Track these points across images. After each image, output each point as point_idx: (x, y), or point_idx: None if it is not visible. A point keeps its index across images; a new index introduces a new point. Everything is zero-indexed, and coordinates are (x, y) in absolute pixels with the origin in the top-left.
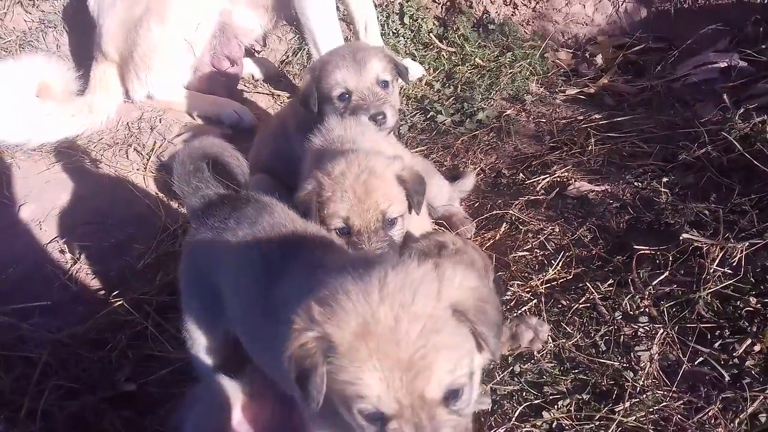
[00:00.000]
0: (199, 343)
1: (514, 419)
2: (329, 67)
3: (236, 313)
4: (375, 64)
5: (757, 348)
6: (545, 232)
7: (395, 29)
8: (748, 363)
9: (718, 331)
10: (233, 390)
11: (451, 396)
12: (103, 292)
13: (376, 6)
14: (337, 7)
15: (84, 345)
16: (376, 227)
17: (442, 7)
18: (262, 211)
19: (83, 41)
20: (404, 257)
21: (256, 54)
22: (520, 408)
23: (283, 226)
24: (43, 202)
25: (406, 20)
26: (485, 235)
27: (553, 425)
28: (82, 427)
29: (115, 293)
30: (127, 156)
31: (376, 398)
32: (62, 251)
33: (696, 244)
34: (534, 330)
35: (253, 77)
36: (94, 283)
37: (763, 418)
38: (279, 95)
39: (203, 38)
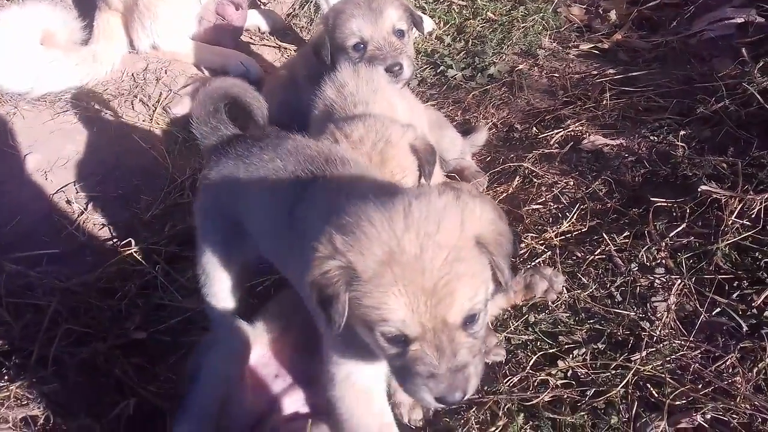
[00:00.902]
0: (216, 281)
1: (528, 368)
2: (344, 16)
3: (264, 231)
4: (391, 12)
5: None
6: (559, 185)
7: None
8: (766, 313)
9: (736, 282)
10: (251, 332)
11: (469, 321)
12: (111, 242)
13: None
14: None
15: (93, 293)
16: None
17: None
18: (284, 138)
19: None
20: (425, 188)
21: (261, 5)
22: (535, 357)
23: (307, 147)
24: (48, 153)
25: None
26: (498, 188)
27: (569, 374)
28: (93, 373)
29: (125, 242)
30: (133, 107)
31: (400, 322)
32: (69, 201)
33: (714, 196)
34: (549, 280)
35: (259, 29)
36: (102, 233)
37: None
38: (286, 48)
39: None
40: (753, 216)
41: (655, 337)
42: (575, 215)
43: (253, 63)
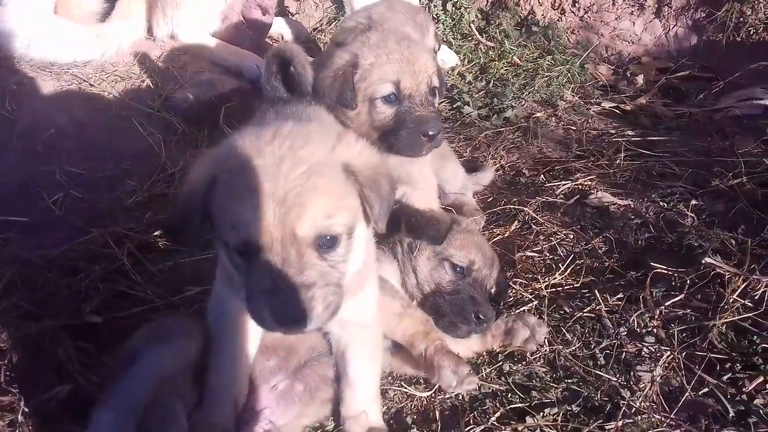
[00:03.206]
0: None
1: (493, 419)
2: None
3: None
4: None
5: None
6: (558, 236)
7: (436, 14)
8: (757, 401)
9: (729, 364)
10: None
11: (326, 244)
12: (85, 220)
13: None
14: None
15: (55, 270)
16: (425, 91)
17: (487, 0)
18: (298, 104)
19: None
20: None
21: (290, 15)
22: (502, 409)
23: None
24: (43, 121)
25: (449, 7)
26: (495, 230)
27: None
28: (36, 352)
29: (96, 223)
30: (138, 92)
31: (247, 228)
32: (53, 173)
33: (718, 271)
34: (532, 329)
35: (282, 37)
36: (79, 211)
37: None
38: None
39: None
40: (756, 297)
41: (634, 408)
42: (569, 269)
43: None
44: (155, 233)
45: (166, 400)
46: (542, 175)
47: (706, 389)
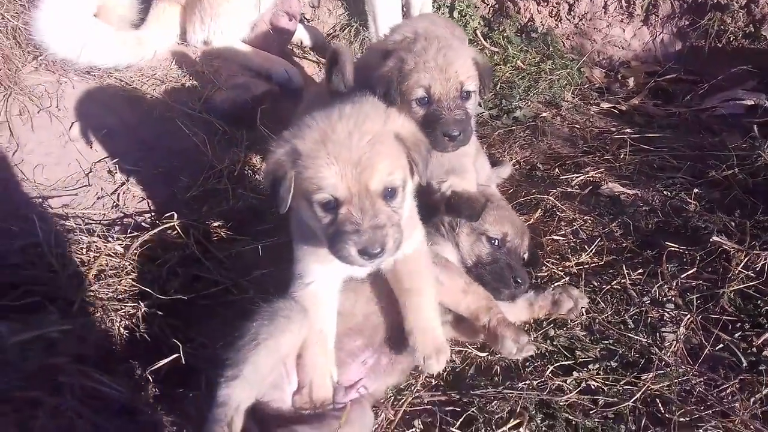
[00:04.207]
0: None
1: (548, 372)
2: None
3: None
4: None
5: None
6: (578, 222)
7: None
8: (765, 353)
9: (739, 324)
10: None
11: (389, 194)
12: (149, 214)
13: None
14: None
15: (135, 257)
16: (454, 96)
17: (489, 9)
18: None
19: None
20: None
21: (306, 21)
22: (552, 367)
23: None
24: (93, 123)
25: (455, 15)
26: (520, 218)
27: (582, 384)
28: (132, 330)
29: (167, 215)
30: (178, 95)
31: (332, 186)
32: (110, 172)
33: (724, 247)
34: (575, 300)
35: (301, 43)
36: (141, 206)
37: None
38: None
39: None
40: (757, 269)
41: (663, 362)
42: (594, 248)
43: (296, 72)
44: (216, 224)
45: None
46: (556, 169)
47: (721, 345)
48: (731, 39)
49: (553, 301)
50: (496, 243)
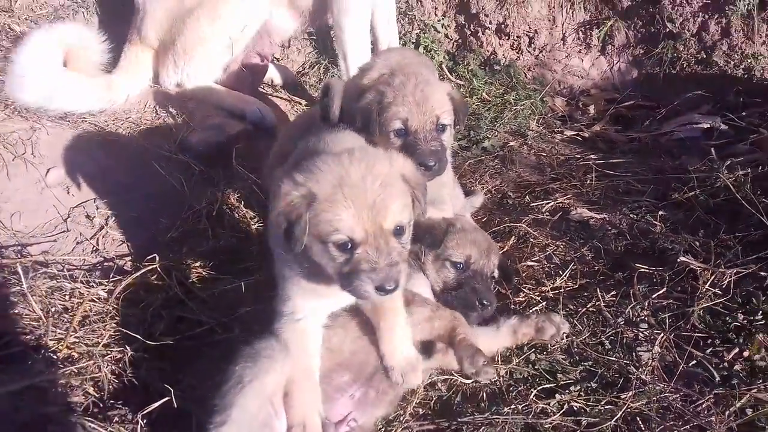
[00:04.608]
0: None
1: (532, 396)
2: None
3: None
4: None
5: (745, 354)
6: (551, 247)
7: None
8: (736, 367)
9: (710, 340)
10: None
11: (398, 232)
12: (130, 257)
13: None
14: None
15: (119, 302)
16: (430, 128)
17: (453, 43)
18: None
19: (113, 23)
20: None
21: (276, 61)
22: (535, 391)
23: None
24: (69, 168)
25: (421, 50)
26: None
27: (564, 406)
28: (120, 375)
29: (149, 257)
30: (153, 137)
31: (349, 229)
32: (89, 216)
33: (691, 267)
34: (557, 326)
35: (272, 82)
36: (121, 249)
37: (749, 411)
38: (297, 102)
39: (245, 40)
40: (723, 286)
41: (641, 380)
42: (567, 273)
43: (269, 111)
44: (197, 264)
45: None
46: (526, 197)
47: (695, 361)
48: (684, 65)
49: (537, 328)
50: (461, 266)
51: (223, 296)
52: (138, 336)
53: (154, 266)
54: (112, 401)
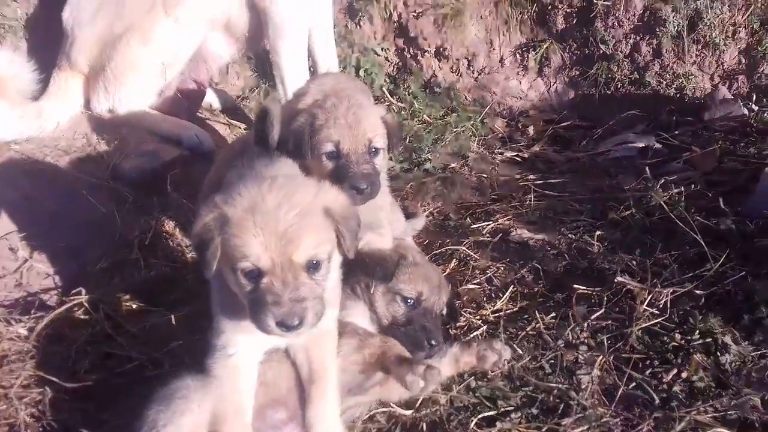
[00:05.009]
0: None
1: (472, 425)
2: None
3: None
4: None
5: (684, 375)
6: (492, 269)
7: None
8: (675, 389)
9: (648, 361)
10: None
11: (313, 267)
12: (56, 291)
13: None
14: None
15: (42, 339)
16: (363, 152)
17: (394, 66)
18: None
19: (42, 49)
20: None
21: (215, 85)
22: (475, 419)
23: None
24: None
25: (361, 73)
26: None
27: None
28: (40, 419)
29: (74, 291)
30: (83, 164)
31: (256, 257)
32: (12, 249)
33: (628, 287)
34: (499, 354)
35: (211, 106)
36: (47, 283)
37: None
38: (236, 125)
39: (178, 65)
40: (660, 306)
41: (581, 405)
42: (508, 295)
43: (206, 136)
44: (127, 296)
45: None
46: (467, 218)
47: (634, 383)
48: (619, 86)
49: (479, 356)
50: (411, 303)
51: (154, 330)
52: (53, 378)
53: (81, 299)
54: None
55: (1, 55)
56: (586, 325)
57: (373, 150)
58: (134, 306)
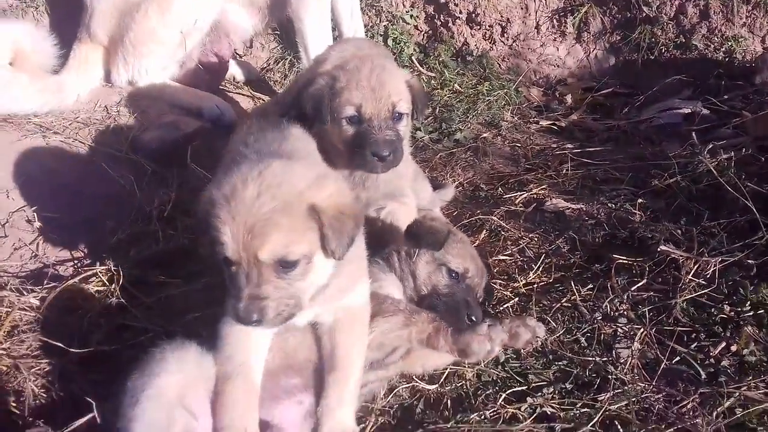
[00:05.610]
0: None
1: (500, 401)
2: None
3: None
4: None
5: (733, 348)
6: (524, 240)
7: None
8: (723, 363)
9: (694, 334)
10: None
11: (285, 266)
12: (72, 263)
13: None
14: None
15: (55, 310)
16: (386, 116)
17: (423, 35)
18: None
19: (63, 23)
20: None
21: (239, 57)
22: (505, 394)
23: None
24: (12, 171)
25: (390, 42)
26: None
27: (537, 411)
28: (49, 388)
29: (88, 263)
30: (103, 137)
31: (225, 246)
32: (29, 221)
33: (672, 256)
34: (532, 331)
35: (234, 79)
36: (63, 255)
37: (739, 411)
38: (260, 98)
39: (198, 34)
40: (708, 276)
41: (620, 380)
42: (541, 267)
43: (228, 107)
44: (145, 268)
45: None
46: (499, 188)
47: (678, 358)
48: (663, 50)
49: (511, 334)
50: (456, 276)
51: (170, 301)
52: (62, 346)
53: (95, 270)
54: (31, 418)
55: (23, 30)
56: (626, 296)
57: (397, 115)
58: (151, 278)
